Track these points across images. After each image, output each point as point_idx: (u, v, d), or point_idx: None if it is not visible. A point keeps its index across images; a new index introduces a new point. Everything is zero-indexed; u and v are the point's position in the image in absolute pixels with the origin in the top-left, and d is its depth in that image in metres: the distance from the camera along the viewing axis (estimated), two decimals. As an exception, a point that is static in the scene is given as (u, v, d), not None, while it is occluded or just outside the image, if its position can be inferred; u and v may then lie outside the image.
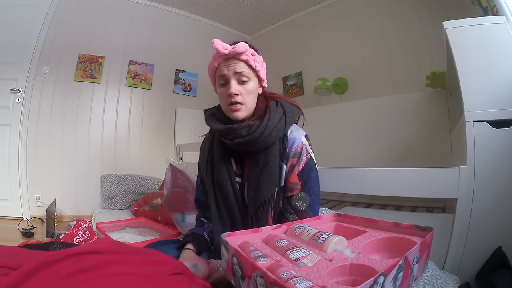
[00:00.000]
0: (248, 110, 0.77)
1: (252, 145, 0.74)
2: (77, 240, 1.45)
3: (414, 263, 0.47)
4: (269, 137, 0.73)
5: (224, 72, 0.74)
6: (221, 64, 0.75)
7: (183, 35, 3.14)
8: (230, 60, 0.74)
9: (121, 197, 2.35)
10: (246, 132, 0.73)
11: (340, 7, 2.70)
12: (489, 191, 0.94)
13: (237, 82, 0.75)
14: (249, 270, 0.44)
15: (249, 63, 0.75)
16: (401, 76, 2.24)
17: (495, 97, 0.97)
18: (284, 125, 0.76)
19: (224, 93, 0.76)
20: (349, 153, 2.21)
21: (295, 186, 0.75)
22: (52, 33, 2.37)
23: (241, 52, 0.72)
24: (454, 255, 0.97)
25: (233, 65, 0.74)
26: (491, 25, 1.03)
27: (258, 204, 0.74)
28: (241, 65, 0.74)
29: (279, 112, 0.77)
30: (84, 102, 2.55)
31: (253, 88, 0.77)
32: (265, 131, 0.73)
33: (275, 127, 0.74)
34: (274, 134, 0.74)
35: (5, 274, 0.41)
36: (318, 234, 0.54)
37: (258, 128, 0.73)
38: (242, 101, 0.75)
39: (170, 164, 1.57)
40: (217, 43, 0.72)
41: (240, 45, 0.72)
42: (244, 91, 0.75)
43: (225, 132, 0.76)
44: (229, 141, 0.76)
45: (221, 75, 0.75)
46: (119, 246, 0.55)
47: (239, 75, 0.74)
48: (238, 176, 0.80)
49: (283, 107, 0.79)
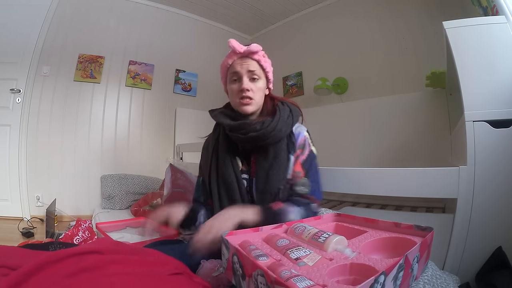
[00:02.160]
0: (257, 106, 0.83)
1: (265, 139, 0.79)
2: (77, 240, 1.45)
3: (414, 263, 0.47)
4: (280, 131, 0.80)
5: (237, 69, 0.80)
6: (235, 61, 0.81)
7: (183, 35, 3.14)
8: (244, 59, 0.80)
9: (121, 197, 2.34)
10: (260, 126, 0.79)
11: (340, 7, 2.71)
12: (489, 191, 0.93)
13: (249, 79, 0.81)
14: (249, 269, 0.44)
15: (260, 63, 0.81)
16: (401, 76, 2.24)
17: (495, 97, 0.97)
18: (292, 121, 0.83)
19: (236, 89, 0.81)
20: (349, 153, 2.22)
21: (298, 174, 0.81)
22: (52, 33, 2.37)
23: (255, 51, 0.79)
24: (454, 255, 0.97)
25: (246, 63, 0.80)
26: (491, 25, 1.03)
27: (267, 195, 0.78)
28: (254, 64, 0.80)
29: (287, 110, 0.84)
30: (84, 102, 2.55)
31: (262, 86, 0.83)
32: (277, 126, 0.79)
33: (285, 122, 0.81)
34: (284, 129, 0.80)
35: (5, 274, 0.41)
36: (319, 234, 0.54)
37: (271, 123, 0.79)
38: (252, 96, 0.81)
39: (170, 164, 1.57)
40: (233, 42, 0.79)
41: (254, 45, 0.79)
42: (255, 88, 0.81)
43: (238, 127, 0.81)
44: (242, 136, 0.80)
45: (234, 72, 0.81)
46: (119, 246, 0.55)
47: (251, 73, 0.80)
48: (245, 173, 0.83)
49: (288, 106, 0.86)
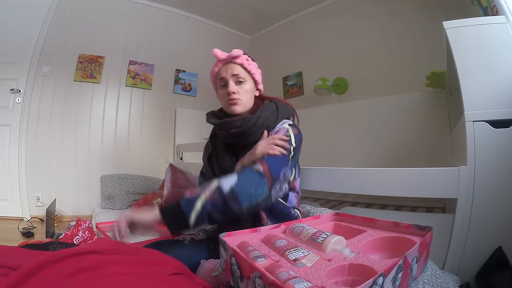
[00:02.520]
0: (245, 106, 0.86)
1: (246, 135, 0.81)
2: (77, 240, 1.46)
3: (413, 263, 0.47)
4: (261, 127, 0.81)
5: (223, 74, 0.85)
6: (221, 68, 0.86)
7: (183, 35, 3.14)
8: (228, 65, 0.85)
9: (121, 197, 2.35)
10: (240, 123, 0.81)
11: (340, 7, 2.70)
12: (489, 191, 0.93)
13: (235, 83, 0.85)
14: (247, 270, 0.44)
15: (244, 66, 0.85)
16: (401, 76, 2.24)
17: (495, 97, 0.97)
18: (276, 118, 0.84)
19: (224, 93, 0.86)
20: (349, 153, 2.21)
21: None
22: (52, 33, 2.37)
23: (236, 55, 0.83)
24: (454, 255, 0.97)
25: (230, 68, 0.84)
26: (491, 25, 1.03)
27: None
28: (238, 68, 0.85)
29: (272, 107, 0.86)
30: (84, 102, 2.55)
31: (249, 88, 0.87)
32: (257, 122, 0.81)
33: (267, 118, 0.83)
34: (266, 124, 0.82)
35: (5, 274, 0.41)
36: (317, 234, 0.54)
37: (251, 119, 0.81)
38: (239, 98, 0.84)
39: (170, 164, 1.57)
40: (216, 51, 0.84)
41: (235, 50, 0.84)
42: (241, 90, 0.85)
43: (222, 125, 0.85)
44: (224, 132, 0.84)
45: (221, 78, 0.86)
46: (119, 246, 0.55)
47: (236, 76, 0.84)
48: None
49: (276, 104, 0.88)
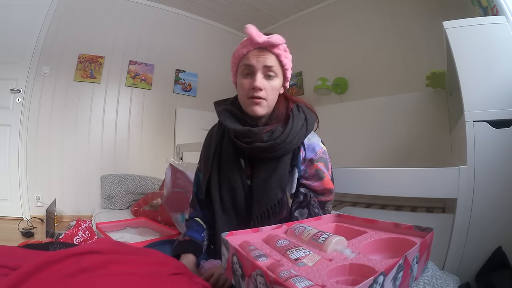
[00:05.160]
0: (269, 107, 0.73)
1: (273, 151, 0.69)
2: (77, 240, 1.45)
3: (414, 263, 0.47)
4: (290, 144, 0.70)
5: (252, 62, 0.69)
6: (251, 52, 0.69)
7: (183, 35, 3.13)
8: (261, 51, 0.68)
9: (121, 197, 2.35)
10: (267, 137, 0.69)
11: (340, 7, 2.70)
12: (489, 191, 0.94)
13: (264, 76, 0.69)
14: (249, 269, 0.44)
15: (280, 58, 0.70)
16: (401, 76, 2.24)
17: (495, 97, 0.97)
18: (305, 133, 0.73)
19: (246, 85, 0.70)
20: (349, 153, 2.21)
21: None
22: (52, 33, 2.37)
23: (276, 44, 0.68)
24: (454, 255, 0.98)
25: (264, 56, 0.68)
26: (491, 25, 1.03)
27: (263, 209, 0.72)
28: (272, 59, 0.69)
29: (301, 119, 0.73)
30: (84, 102, 2.55)
31: (277, 85, 0.72)
32: (288, 138, 0.69)
33: (297, 134, 0.70)
34: (295, 141, 0.70)
35: (5, 274, 0.41)
36: (318, 234, 0.54)
37: (281, 134, 0.69)
38: (265, 97, 0.70)
39: (170, 164, 1.57)
40: (252, 28, 0.66)
41: (276, 36, 0.67)
42: (269, 87, 0.70)
43: (244, 135, 0.71)
44: (246, 145, 0.71)
45: (248, 65, 0.69)
46: (119, 246, 0.55)
47: (267, 69, 0.69)
48: (248, 178, 0.76)
49: (304, 113, 0.75)
